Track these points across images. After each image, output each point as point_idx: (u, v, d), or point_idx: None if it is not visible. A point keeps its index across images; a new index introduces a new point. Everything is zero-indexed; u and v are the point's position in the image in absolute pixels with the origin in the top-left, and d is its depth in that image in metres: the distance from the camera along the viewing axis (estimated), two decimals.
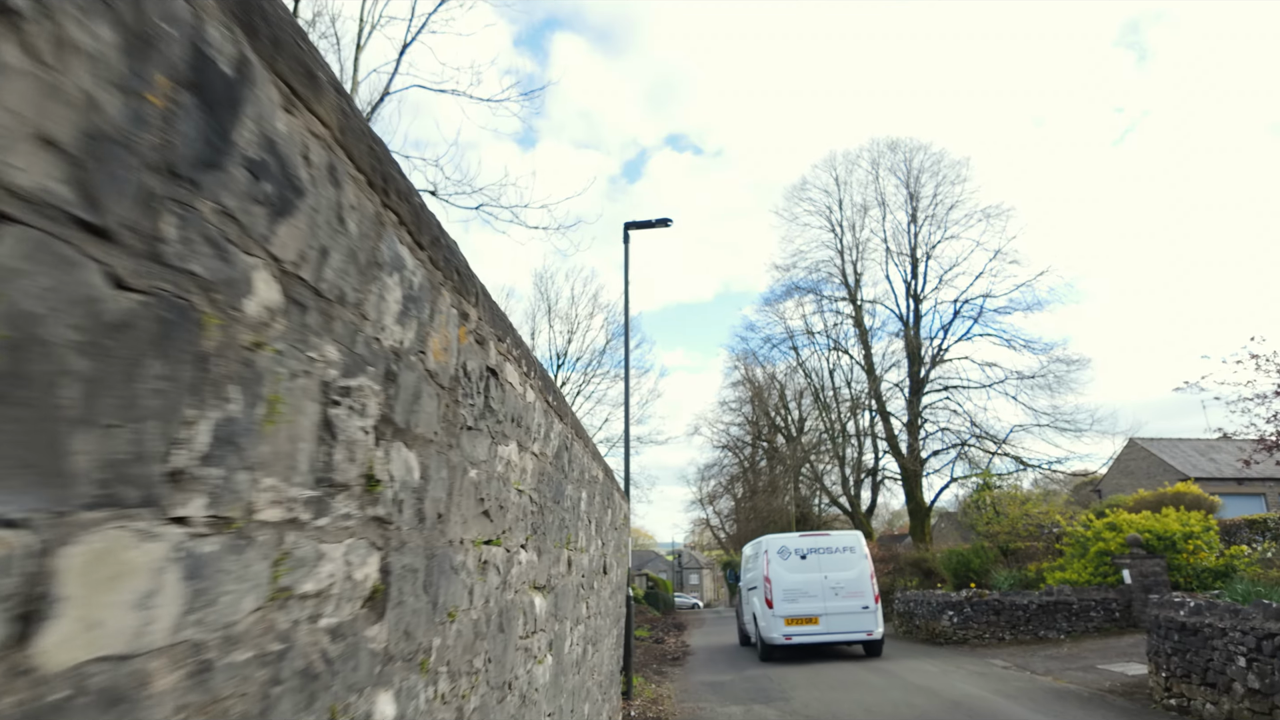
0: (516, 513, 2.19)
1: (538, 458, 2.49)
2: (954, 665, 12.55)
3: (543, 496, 2.60)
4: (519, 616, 2.26)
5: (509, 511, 2.08)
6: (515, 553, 2.18)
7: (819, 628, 13.69)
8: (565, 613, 3.19)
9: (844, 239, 33.56)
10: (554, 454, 2.79)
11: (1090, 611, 14.80)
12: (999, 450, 28.31)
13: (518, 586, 2.24)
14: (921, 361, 30.25)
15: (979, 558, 18.36)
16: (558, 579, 2.98)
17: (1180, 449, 40.35)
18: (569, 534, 3.23)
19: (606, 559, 5.27)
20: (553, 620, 2.88)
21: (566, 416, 3.09)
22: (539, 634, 2.59)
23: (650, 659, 16.30)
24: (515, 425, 2.11)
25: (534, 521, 2.46)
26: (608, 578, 5.42)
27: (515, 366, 2.08)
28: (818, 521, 43.14)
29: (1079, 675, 10.78)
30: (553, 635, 2.86)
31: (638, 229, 10.72)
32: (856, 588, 13.92)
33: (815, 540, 14.65)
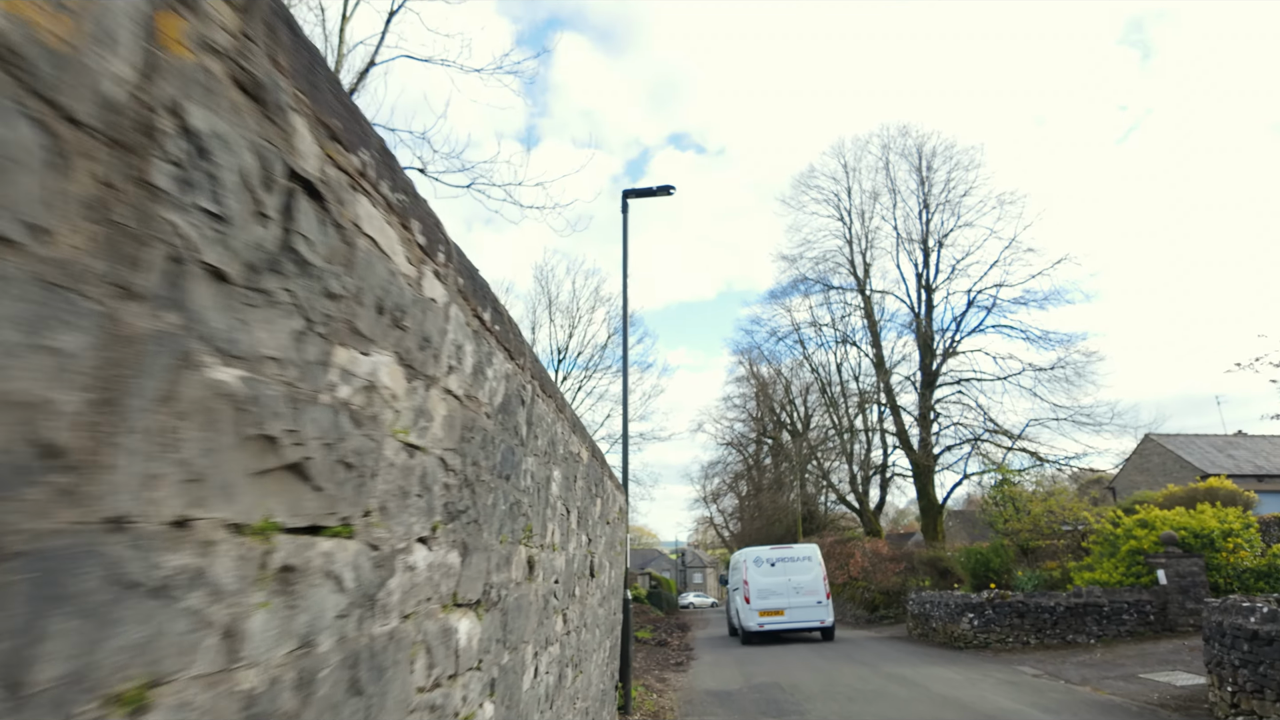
0: (405, 482, 1.29)
1: (461, 402, 1.58)
2: (979, 673, 11.61)
3: (474, 465, 1.69)
4: (413, 658, 1.34)
5: (379, 478, 1.18)
6: (398, 551, 1.26)
7: (784, 618, 18.03)
8: (522, 635, 2.28)
9: (853, 228, 32.60)
10: (497, 405, 1.88)
11: (1123, 614, 13.85)
12: (1014, 445, 27.31)
13: (411, 608, 1.33)
14: (934, 354, 29.26)
15: (999, 557, 17.42)
16: (506, 589, 2.07)
17: (1197, 445, 39.31)
18: (528, 525, 2.32)
19: (596, 559, 4.37)
20: (498, 650, 1.97)
21: (522, 358, 2.18)
22: (466, 676, 1.68)
23: (652, 663, 15.41)
24: (391, 323, 1.20)
25: (453, 501, 1.56)
26: (597, 581, 4.52)
27: (385, 211, 1.16)
28: (824, 520, 42.23)
29: (1120, 685, 9.84)
30: (496, 672, 1.95)
31: (636, 197, 9.82)
32: (813, 588, 18.19)
33: (782, 552, 19.03)
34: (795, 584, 18.14)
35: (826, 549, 31.06)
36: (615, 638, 6.34)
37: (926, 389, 28.78)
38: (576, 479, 3.41)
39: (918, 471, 28.79)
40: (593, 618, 4.38)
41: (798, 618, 17.95)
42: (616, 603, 6.50)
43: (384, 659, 1.19)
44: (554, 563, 2.86)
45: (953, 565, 19.74)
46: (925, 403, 28.51)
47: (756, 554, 19.14)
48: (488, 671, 1.86)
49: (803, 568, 18.34)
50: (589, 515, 3.96)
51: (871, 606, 25.85)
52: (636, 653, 17.64)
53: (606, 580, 5.22)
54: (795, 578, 18.21)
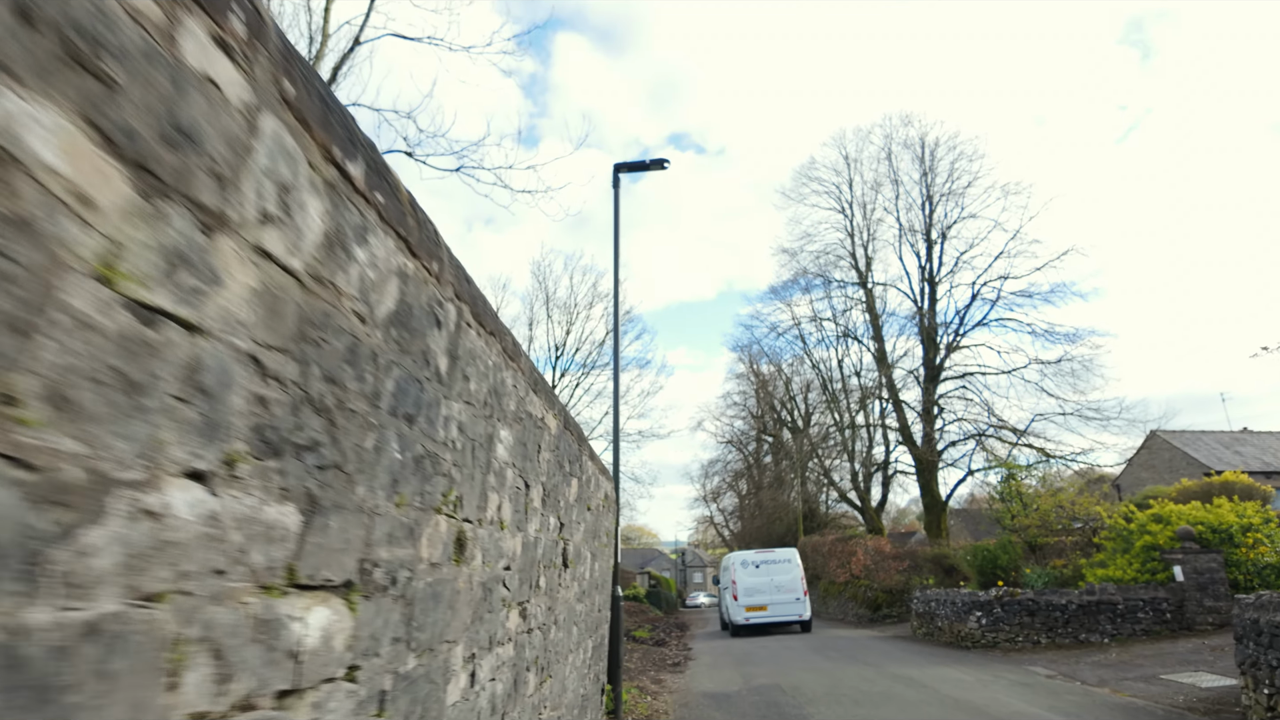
0: (130, 365, 0.75)
1: (297, 279, 1.06)
2: (990, 674, 11.08)
3: (330, 383, 1.16)
4: (174, 664, 0.81)
5: (56, 343, 0.63)
6: (112, 482, 0.72)
7: (767, 613, 20.67)
8: (442, 633, 1.75)
9: (854, 220, 32.05)
10: (385, 313, 1.35)
11: (1138, 613, 13.31)
12: (1019, 441, 26.76)
13: (161, 583, 0.80)
14: (937, 348, 28.70)
15: (1007, 553, 16.87)
16: (411, 571, 1.54)
17: (1204, 442, 38.78)
18: (451, 490, 1.78)
19: (571, 547, 3.84)
20: (395, 653, 1.44)
21: (435, 262, 1.66)
22: (321, 690, 1.16)
23: (648, 664, 14.88)
24: (69, 59, 0.64)
25: (277, 426, 1.04)
26: (573, 573, 3.99)
27: None
28: (825, 518, 41.66)
29: (1141, 688, 9.30)
30: (389, 683, 1.42)
31: (629, 170, 9.27)
32: (791, 586, 20.94)
33: (765, 555, 21.88)
34: (777, 583, 20.90)
35: (828, 547, 30.62)
36: (601, 636, 5.81)
37: (930, 383, 28.23)
38: (541, 450, 2.88)
39: (921, 468, 28.24)
40: (568, 614, 3.85)
41: (779, 612, 20.64)
42: (603, 599, 5.97)
43: (62, 667, 0.65)
44: (502, 544, 2.33)
45: (958, 563, 19.20)
46: (929, 397, 27.96)
47: (743, 557, 21.91)
48: (371, 683, 1.32)
49: (783, 569, 21.19)
50: (560, 495, 3.43)
51: (874, 605, 25.32)
52: (632, 653, 17.10)
53: (587, 573, 4.69)
54: (777, 578, 21.03)
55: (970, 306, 28.72)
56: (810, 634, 19.99)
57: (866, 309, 31.14)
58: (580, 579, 4.35)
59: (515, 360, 2.41)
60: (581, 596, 4.43)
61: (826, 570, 29.73)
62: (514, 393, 2.38)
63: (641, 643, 20.07)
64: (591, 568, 4.97)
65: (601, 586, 5.86)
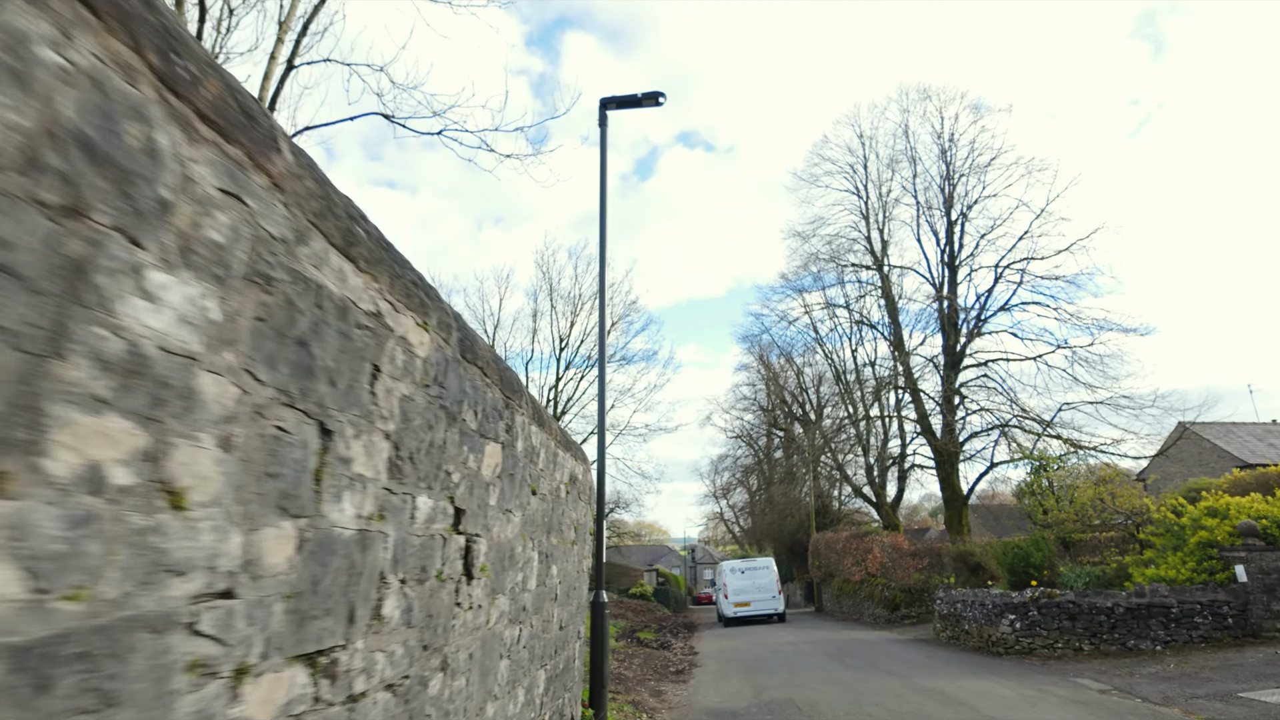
0: None
1: None
2: (1033, 687, 9.73)
3: None
4: None
5: None
6: None
7: (750, 608, 26.16)
8: None
9: (869, 202, 30.53)
10: None
11: (1195, 617, 11.89)
12: (1045, 432, 25.22)
13: None
14: (958, 333, 27.18)
15: (1040, 551, 15.46)
16: None
17: (1236, 434, 37.10)
18: None
19: (486, 548, 2.56)
20: None
21: None
22: None
23: (649, 671, 13.62)
24: None
25: None
26: (497, 585, 2.72)
27: None
28: (838, 514, 40.27)
29: (1220, 708, 7.93)
30: None
31: (619, 108, 7.96)
32: (769, 588, 26.56)
33: (749, 564, 27.91)
34: (758, 585, 26.66)
35: (842, 544, 29.22)
36: (567, 658, 4.54)
37: (950, 371, 26.73)
38: (380, 372, 1.60)
39: (940, 460, 26.77)
40: (483, 649, 2.57)
41: (759, 608, 26.20)
42: (572, 611, 4.69)
43: None
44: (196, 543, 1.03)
45: (986, 561, 17.80)
46: (949, 386, 26.45)
47: (732, 565, 28.22)
48: None
49: (763, 574, 26.91)
50: (452, 464, 2.15)
51: (892, 605, 23.95)
52: (633, 658, 15.88)
53: (534, 582, 3.41)
54: (758, 581, 26.76)
55: (993, 290, 27.19)
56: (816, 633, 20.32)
57: (883, 294, 29.66)
58: (517, 592, 3.08)
59: None
60: (521, 616, 3.16)
61: (841, 568, 28.36)
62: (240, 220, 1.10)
63: (645, 645, 18.84)
64: (545, 573, 3.70)
65: (570, 595, 4.60)
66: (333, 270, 1.43)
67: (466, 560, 2.36)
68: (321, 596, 1.43)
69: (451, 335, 2.13)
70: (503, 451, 2.74)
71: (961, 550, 19.39)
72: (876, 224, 30.18)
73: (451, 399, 2.15)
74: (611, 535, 56.67)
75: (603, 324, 7.65)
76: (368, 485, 1.61)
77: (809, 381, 41.90)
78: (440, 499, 2.10)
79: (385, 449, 1.70)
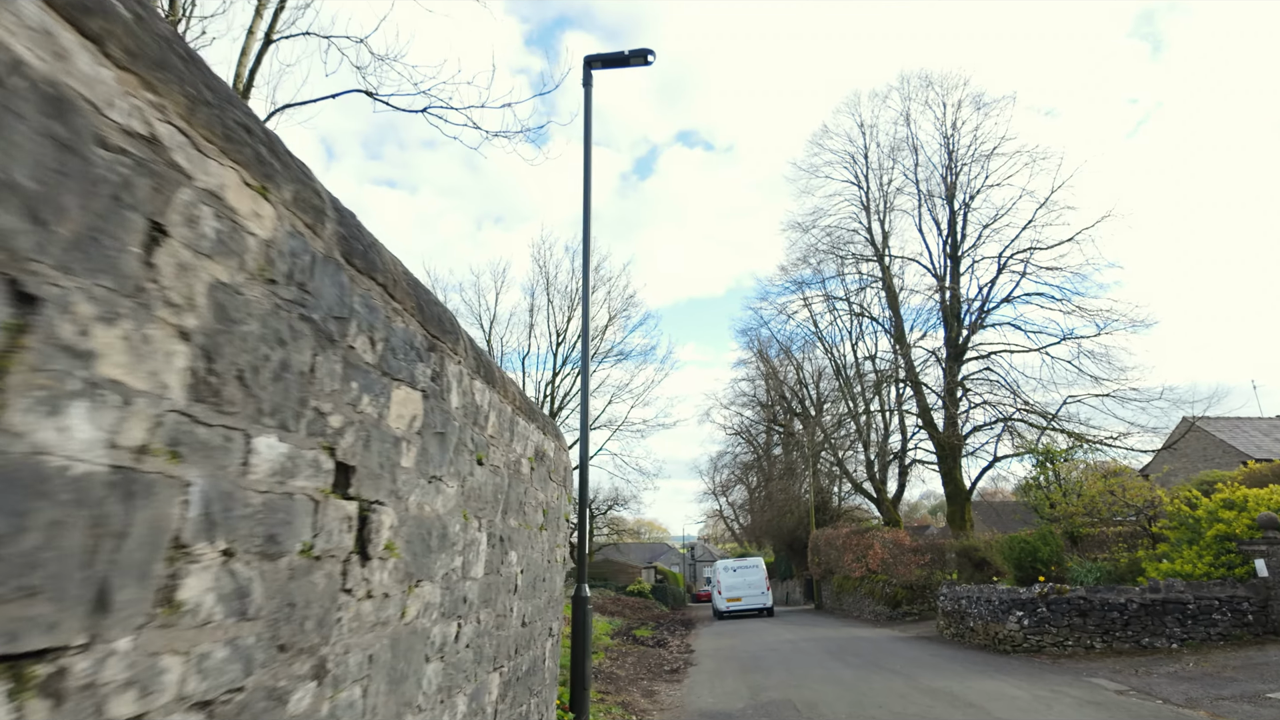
0: None
1: None
2: (1045, 687, 9.20)
3: None
4: None
5: None
6: None
7: (741, 602, 28.33)
8: None
9: (870, 192, 29.94)
10: None
11: (1212, 613, 11.35)
12: (1049, 425, 24.66)
13: None
14: (960, 325, 26.62)
15: (1047, 545, 14.91)
16: None
17: (1242, 429, 36.59)
18: None
19: (393, 523, 1.99)
20: None
21: None
22: None
23: (642, 670, 13.08)
24: None
25: None
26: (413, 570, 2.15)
27: None
28: (838, 511, 39.73)
29: (1248, 710, 7.40)
30: None
31: (604, 67, 7.37)
32: (758, 584, 28.79)
33: (740, 563, 30.16)
34: (748, 582, 28.95)
35: (842, 540, 28.69)
36: (534, 659, 3.97)
37: (953, 362, 26.16)
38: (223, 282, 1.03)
39: (942, 455, 26.22)
40: (399, 645, 2.01)
41: (749, 603, 28.43)
42: (536, 606, 4.12)
43: None
44: None
45: (990, 556, 17.26)
46: (951, 377, 25.88)
47: (725, 563, 30.68)
48: None
49: (753, 572, 29.29)
50: (325, 388, 1.59)
51: (893, 602, 23.44)
52: (626, 656, 15.35)
53: (478, 568, 2.85)
54: (748, 578, 29.07)
55: (995, 281, 26.61)
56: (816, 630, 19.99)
57: (883, 286, 29.07)
58: (454, 580, 2.52)
59: None
60: (461, 609, 2.60)
61: (841, 564, 27.83)
62: None
63: (641, 643, 18.30)
64: (498, 559, 3.14)
65: (537, 586, 4.04)
66: (28, 26, 0.87)
67: (361, 534, 1.80)
68: (18, 565, 0.87)
69: (324, 223, 1.57)
70: (425, 402, 2.19)
71: (965, 545, 18.86)
72: (877, 215, 29.63)
73: (324, 312, 1.59)
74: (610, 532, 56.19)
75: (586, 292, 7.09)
76: (136, 402, 1.05)
77: (808, 377, 41.37)
78: (307, 447, 1.54)
79: (181, 354, 1.14)
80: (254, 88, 11.65)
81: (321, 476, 1.61)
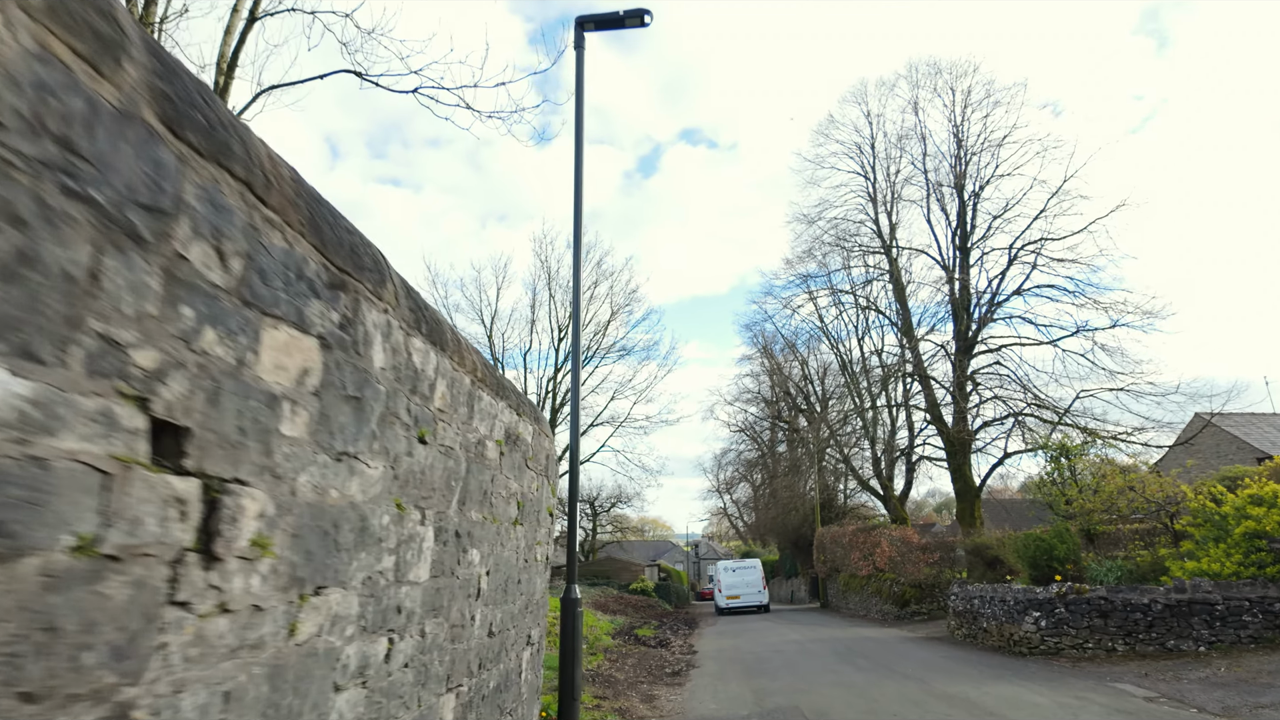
0: None
1: None
2: (1070, 694, 8.65)
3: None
4: None
5: None
6: None
7: (740, 600, 30.48)
8: None
9: (876, 183, 29.31)
10: None
11: (1243, 615, 10.77)
12: (1061, 420, 24.04)
13: None
14: (970, 318, 25.99)
15: (1064, 543, 14.34)
16: None
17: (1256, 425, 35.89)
18: None
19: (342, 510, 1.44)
20: None
21: None
22: None
23: (642, 673, 12.58)
24: None
25: None
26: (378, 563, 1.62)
27: None
28: (843, 508, 39.12)
29: None
30: None
31: (598, 29, 6.82)
32: (755, 584, 31.05)
33: (739, 564, 32.99)
34: (746, 581, 31.12)
35: (848, 538, 28.11)
36: (505, 672, 3.46)
37: (962, 355, 25.54)
38: None
39: (952, 451, 25.62)
40: (282, 674, 1.49)
41: (748, 600, 30.50)
42: (508, 612, 3.60)
43: None
44: None
45: (1003, 554, 16.68)
46: (961, 371, 25.25)
47: (725, 564, 33.31)
48: None
49: (751, 572, 31.57)
50: (118, 304, 1.06)
51: (901, 601, 22.89)
52: (627, 658, 14.85)
53: (420, 570, 2.33)
54: (746, 578, 31.30)
55: (1006, 273, 25.97)
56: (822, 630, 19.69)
57: (890, 279, 28.44)
58: (382, 586, 2.00)
59: None
60: (394, 622, 2.09)
61: (847, 562, 27.27)
62: None
63: (642, 643, 17.80)
64: (451, 559, 2.62)
65: (509, 589, 3.52)
66: None
67: (207, 526, 1.29)
68: None
69: (122, 62, 1.05)
70: (325, 354, 1.67)
71: (977, 543, 18.29)
72: (884, 206, 28.99)
73: (120, 195, 1.08)
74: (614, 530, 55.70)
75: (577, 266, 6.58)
76: None
77: (814, 372, 40.80)
78: (84, 391, 1.03)
79: None
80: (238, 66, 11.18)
81: (120, 438, 1.09)
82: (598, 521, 51.03)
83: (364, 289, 1.86)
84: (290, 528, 1.55)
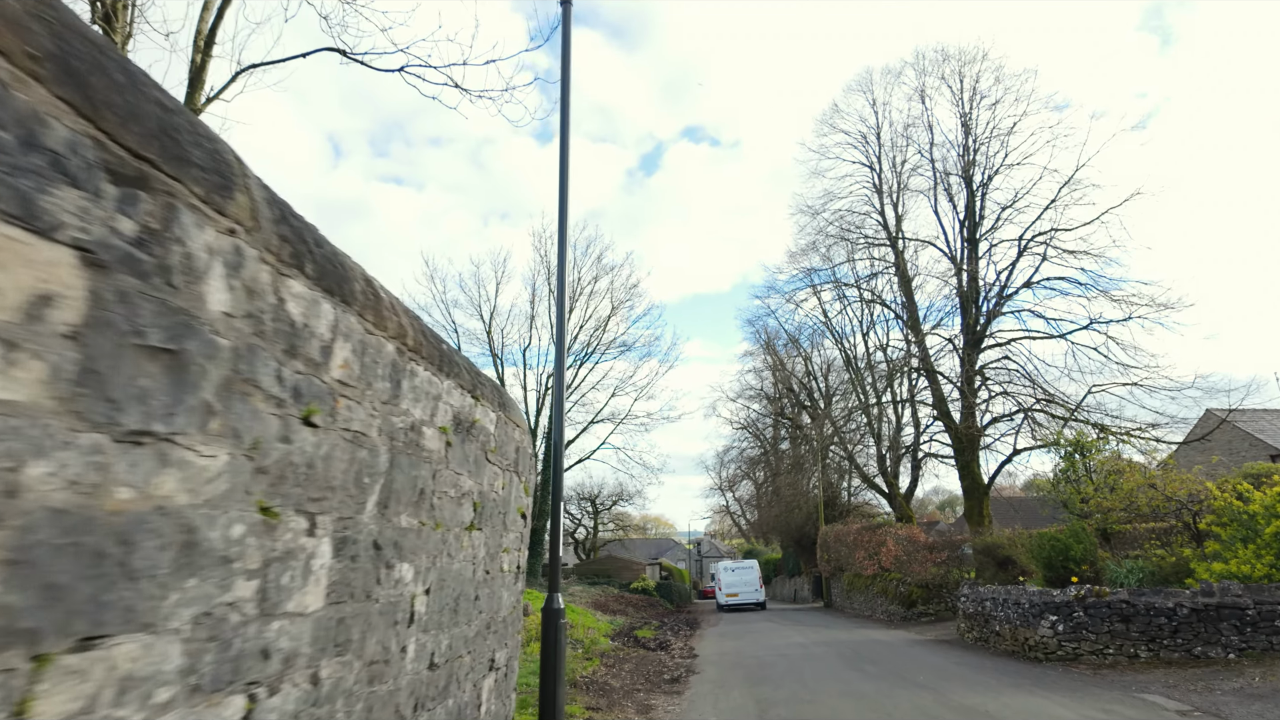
0: None
1: None
2: (1096, 707, 8.05)
3: None
4: None
5: None
6: None
7: (739, 598, 32.41)
8: None
9: (882, 173, 28.63)
10: None
11: (1275, 620, 10.16)
12: (1072, 416, 23.38)
13: None
14: (978, 311, 25.33)
15: (1080, 543, 13.72)
16: None
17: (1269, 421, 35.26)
18: None
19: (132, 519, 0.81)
20: None
21: None
22: None
23: (639, 679, 11.99)
24: None
25: None
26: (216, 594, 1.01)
27: None
28: (847, 506, 38.48)
29: None
30: None
31: None
32: (753, 583, 33.12)
33: (738, 564, 35.46)
34: (745, 580, 33.06)
35: (853, 537, 27.50)
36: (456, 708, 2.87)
37: (971, 350, 24.88)
38: None
39: (959, 447, 24.97)
40: None
41: (746, 598, 32.27)
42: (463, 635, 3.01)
43: None
44: None
45: (1015, 554, 16.07)
46: (969, 366, 24.59)
47: (725, 564, 35.45)
48: None
49: (748, 572, 33.44)
50: None
51: (908, 602, 22.29)
52: (624, 663, 14.26)
53: (310, 596, 1.74)
54: (745, 577, 33.23)
55: (1015, 264, 25.29)
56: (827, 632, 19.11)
57: (896, 271, 27.77)
58: (231, 625, 1.41)
59: None
60: (253, 671, 1.50)
61: (852, 561, 26.66)
62: None
63: (642, 645, 17.21)
64: (367, 577, 2.03)
65: (462, 607, 2.92)
66: None
67: None
68: None
69: None
70: (93, 276, 1.08)
71: (988, 542, 17.66)
72: (890, 197, 28.32)
73: None
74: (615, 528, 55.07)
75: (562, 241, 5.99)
76: None
77: (817, 369, 40.17)
78: None
79: None
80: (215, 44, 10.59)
81: None
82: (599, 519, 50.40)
83: (186, 193, 1.27)
84: (7, 547, 0.96)
